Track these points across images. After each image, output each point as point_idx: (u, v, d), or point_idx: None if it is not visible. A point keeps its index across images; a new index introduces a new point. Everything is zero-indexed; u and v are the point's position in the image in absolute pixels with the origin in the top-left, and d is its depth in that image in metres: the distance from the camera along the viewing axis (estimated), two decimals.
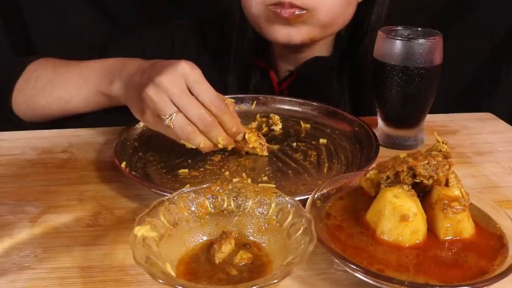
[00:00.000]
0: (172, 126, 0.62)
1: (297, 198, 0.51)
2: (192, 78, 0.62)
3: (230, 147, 0.69)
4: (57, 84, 0.81)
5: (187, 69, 0.62)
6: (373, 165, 0.62)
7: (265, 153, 0.72)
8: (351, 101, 0.97)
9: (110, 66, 0.76)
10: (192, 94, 0.63)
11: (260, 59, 0.96)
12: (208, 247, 0.49)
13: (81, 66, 0.80)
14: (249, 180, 0.65)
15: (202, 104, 0.63)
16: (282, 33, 0.84)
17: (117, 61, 0.76)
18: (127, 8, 1.32)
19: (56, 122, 0.85)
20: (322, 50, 0.95)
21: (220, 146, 0.66)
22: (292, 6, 0.80)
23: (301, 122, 0.83)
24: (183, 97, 0.62)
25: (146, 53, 0.93)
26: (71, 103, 0.80)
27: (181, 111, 0.62)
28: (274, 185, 0.64)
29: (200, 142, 0.64)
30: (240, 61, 0.96)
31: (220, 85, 0.84)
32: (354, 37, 0.94)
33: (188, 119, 0.62)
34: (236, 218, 0.52)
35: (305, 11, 0.81)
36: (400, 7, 0.95)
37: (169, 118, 0.62)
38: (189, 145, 0.65)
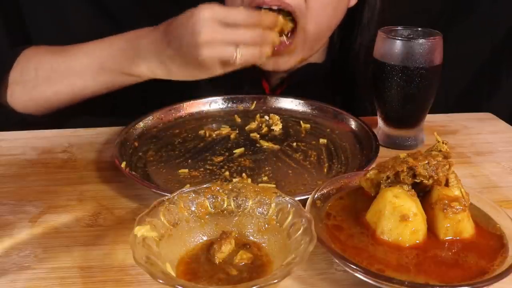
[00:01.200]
0: (244, 59, 0.66)
1: (297, 198, 0.51)
2: (220, 16, 0.64)
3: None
4: (65, 71, 0.79)
5: (210, 12, 0.64)
6: (373, 165, 0.62)
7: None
8: (344, 106, 0.96)
9: (120, 45, 0.75)
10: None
11: (252, 71, 0.95)
12: (208, 247, 0.49)
13: (88, 50, 0.78)
14: (249, 180, 0.65)
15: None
16: (270, 64, 0.84)
17: (125, 37, 0.75)
18: (128, 8, 1.32)
19: (59, 115, 0.83)
20: (315, 56, 0.94)
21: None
22: (281, 2, 0.78)
23: (301, 122, 0.83)
24: (232, 35, 0.65)
25: None
26: (87, 90, 0.79)
27: (239, 45, 0.65)
28: (274, 185, 0.64)
29: (267, 52, 0.68)
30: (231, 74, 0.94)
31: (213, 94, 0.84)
32: (346, 41, 0.94)
33: (249, 45, 0.65)
34: (236, 218, 0.52)
35: (292, 41, 0.80)
36: (398, 9, 0.95)
37: (237, 57, 0.65)
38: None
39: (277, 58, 0.82)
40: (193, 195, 0.52)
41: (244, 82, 0.95)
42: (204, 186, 0.52)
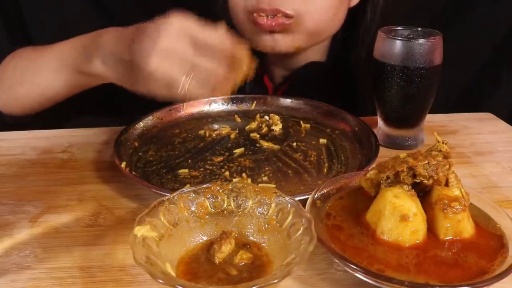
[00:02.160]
0: (189, 92, 0.57)
1: (297, 198, 0.51)
2: (190, 30, 0.56)
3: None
4: (33, 70, 0.77)
5: (181, 22, 0.56)
6: (373, 165, 0.62)
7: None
8: (346, 105, 0.97)
9: (84, 41, 0.70)
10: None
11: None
12: (208, 247, 0.49)
13: (55, 48, 0.76)
14: (249, 180, 0.65)
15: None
16: (267, 42, 0.83)
17: (90, 35, 0.70)
18: (128, 8, 1.32)
19: (58, 115, 0.82)
20: (317, 55, 0.94)
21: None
22: (275, 11, 0.78)
23: (301, 122, 0.83)
24: (191, 53, 0.56)
25: None
26: (51, 88, 0.76)
27: (193, 70, 0.56)
28: (274, 185, 0.64)
29: (221, 91, 0.59)
30: None
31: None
32: (348, 41, 0.94)
33: (204, 75, 0.57)
34: (236, 218, 0.52)
35: (290, 21, 0.80)
36: (399, 7, 0.95)
37: (184, 85, 0.56)
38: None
39: (273, 36, 0.82)
40: (193, 195, 0.52)
41: (246, 83, 0.95)
42: (204, 186, 0.52)
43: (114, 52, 0.63)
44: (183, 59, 0.56)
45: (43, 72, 0.76)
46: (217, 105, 0.87)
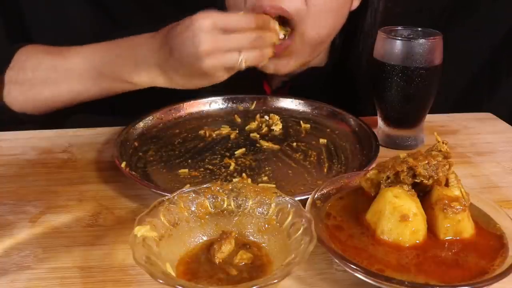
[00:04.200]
0: (249, 63, 0.66)
1: (297, 198, 0.51)
2: (219, 24, 0.64)
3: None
4: (63, 74, 0.77)
5: (209, 21, 0.64)
6: (373, 165, 0.62)
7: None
8: (346, 109, 0.96)
9: (120, 51, 0.74)
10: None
11: (253, 70, 0.95)
12: (208, 247, 0.49)
13: (86, 54, 0.77)
14: (249, 180, 0.65)
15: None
16: (270, 65, 0.82)
17: (126, 45, 0.74)
18: (128, 8, 1.32)
19: (58, 113, 0.82)
20: (317, 60, 0.93)
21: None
22: (276, 9, 0.77)
23: (301, 122, 0.83)
24: (233, 42, 0.64)
25: None
26: (85, 93, 0.77)
27: (242, 50, 0.65)
28: (274, 185, 0.64)
29: (269, 53, 0.68)
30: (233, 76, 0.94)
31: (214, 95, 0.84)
32: (348, 45, 0.94)
33: (251, 48, 0.66)
34: (236, 218, 0.52)
35: (293, 39, 0.79)
36: (400, 7, 0.95)
37: (242, 61, 0.65)
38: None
39: (277, 60, 0.81)
40: (193, 195, 0.52)
41: (245, 86, 0.95)
42: (204, 186, 0.52)
43: (157, 62, 0.69)
44: (228, 48, 0.64)
45: (73, 76, 0.77)
46: (217, 105, 0.87)
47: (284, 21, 0.78)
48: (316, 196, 0.54)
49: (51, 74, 0.78)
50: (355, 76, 0.94)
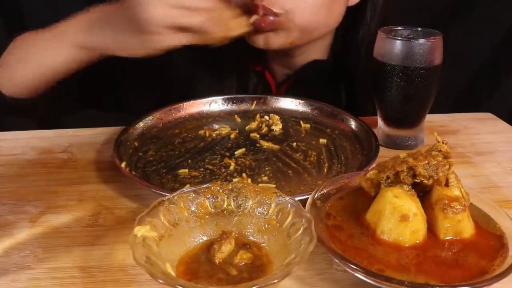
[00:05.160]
0: (206, 26, 0.65)
1: (297, 198, 0.51)
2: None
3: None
4: (35, 50, 0.80)
5: None
6: (373, 165, 0.62)
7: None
8: (349, 103, 0.97)
9: (78, 18, 0.76)
10: None
11: (257, 63, 0.96)
12: (208, 247, 0.49)
13: (56, 28, 0.80)
14: (249, 180, 0.65)
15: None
16: (259, 39, 0.84)
17: (82, 12, 0.77)
18: None
19: (43, 100, 0.84)
20: (318, 53, 0.95)
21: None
22: (266, 10, 0.78)
23: (301, 122, 0.83)
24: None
25: None
26: (52, 65, 0.79)
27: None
28: (274, 185, 0.64)
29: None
30: (237, 65, 0.96)
31: (219, 90, 0.85)
32: (349, 39, 0.94)
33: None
34: (236, 218, 0.52)
35: (278, 19, 0.80)
36: (400, 7, 0.95)
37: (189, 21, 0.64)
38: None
39: (267, 35, 0.82)
40: (193, 195, 0.52)
41: (250, 77, 0.96)
42: (204, 186, 0.52)
43: (108, 21, 0.71)
44: (180, 9, 0.64)
45: (45, 50, 0.79)
46: (217, 105, 0.87)
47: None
48: (316, 196, 0.54)
49: (27, 51, 0.82)
50: (355, 69, 0.94)
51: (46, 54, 0.79)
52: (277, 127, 0.81)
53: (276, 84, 0.98)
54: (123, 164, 0.65)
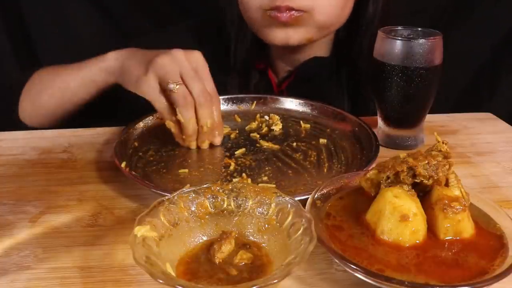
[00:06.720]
0: (175, 92, 0.68)
1: (297, 198, 0.51)
2: (196, 65, 0.70)
3: (204, 145, 0.74)
4: (59, 83, 0.85)
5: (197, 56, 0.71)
6: (373, 165, 0.62)
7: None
8: (350, 100, 0.97)
9: (110, 67, 0.81)
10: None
11: (259, 60, 0.97)
12: (208, 247, 0.49)
13: (82, 69, 0.85)
14: (249, 180, 0.65)
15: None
16: (279, 35, 0.85)
17: (118, 59, 0.81)
18: (127, 8, 1.32)
19: (62, 123, 0.88)
20: (321, 50, 0.95)
21: (204, 131, 0.71)
22: (289, 9, 0.81)
23: (301, 122, 0.83)
24: (192, 73, 0.69)
25: None
26: (69, 90, 0.84)
27: (184, 84, 0.68)
28: (274, 185, 0.64)
29: (191, 117, 0.69)
30: (240, 62, 0.96)
31: (221, 86, 0.84)
32: (351, 35, 0.95)
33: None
34: (236, 218, 0.52)
35: (302, 13, 0.82)
36: (400, 7, 0.95)
37: (175, 85, 0.68)
38: (170, 125, 0.71)
39: (286, 30, 0.84)
40: (193, 195, 0.52)
41: (252, 74, 0.97)
42: (204, 186, 0.52)
43: (129, 53, 0.78)
44: (184, 69, 0.69)
45: (69, 86, 0.85)
46: None
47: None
48: (316, 196, 0.54)
49: (51, 83, 0.86)
50: (357, 66, 0.95)
51: (70, 90, 0.84)
52: (277, 127, 0.81)
53: (277, 82, 0.98)
54: (123, 164, 0.65)
